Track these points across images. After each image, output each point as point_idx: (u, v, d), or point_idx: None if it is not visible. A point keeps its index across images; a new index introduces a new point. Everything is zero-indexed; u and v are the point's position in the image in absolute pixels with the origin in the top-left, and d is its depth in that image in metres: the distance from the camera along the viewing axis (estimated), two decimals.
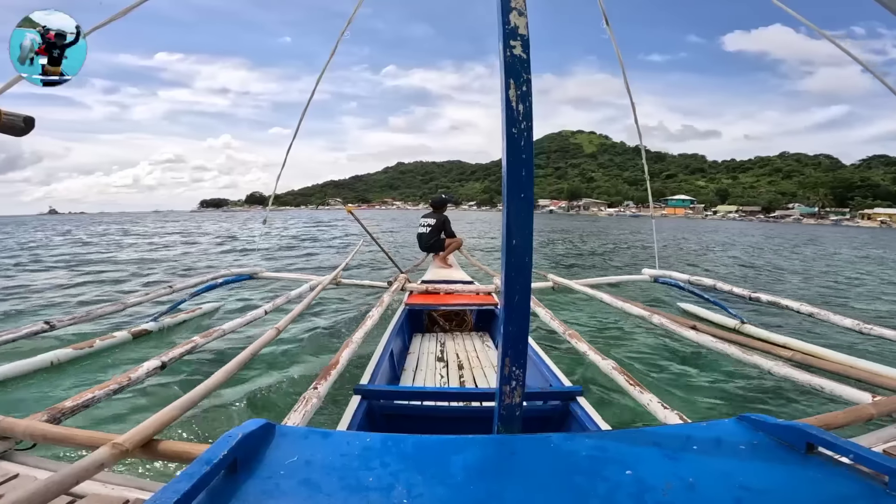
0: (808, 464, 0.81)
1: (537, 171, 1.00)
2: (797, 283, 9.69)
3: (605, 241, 21.69)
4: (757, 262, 13.64)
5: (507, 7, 0.93)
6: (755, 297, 4.15)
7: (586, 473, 0.80)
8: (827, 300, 7.37)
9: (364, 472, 0.79)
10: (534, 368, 2.52)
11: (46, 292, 7.26)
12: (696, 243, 21.89)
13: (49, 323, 3.23)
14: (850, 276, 11.10)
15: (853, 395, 2.12)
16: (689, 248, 18.76)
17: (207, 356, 3.68)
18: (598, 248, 17.45)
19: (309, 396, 1.81)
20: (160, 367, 2.34)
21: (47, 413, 1.72)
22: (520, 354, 1.00)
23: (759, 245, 22.15)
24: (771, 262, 13.78)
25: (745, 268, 12.22)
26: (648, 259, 10.73)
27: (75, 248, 16.03)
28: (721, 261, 14.00)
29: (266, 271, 5.60)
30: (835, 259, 16.00)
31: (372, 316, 3.07)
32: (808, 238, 31.06)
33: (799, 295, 7.35)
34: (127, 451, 1.30)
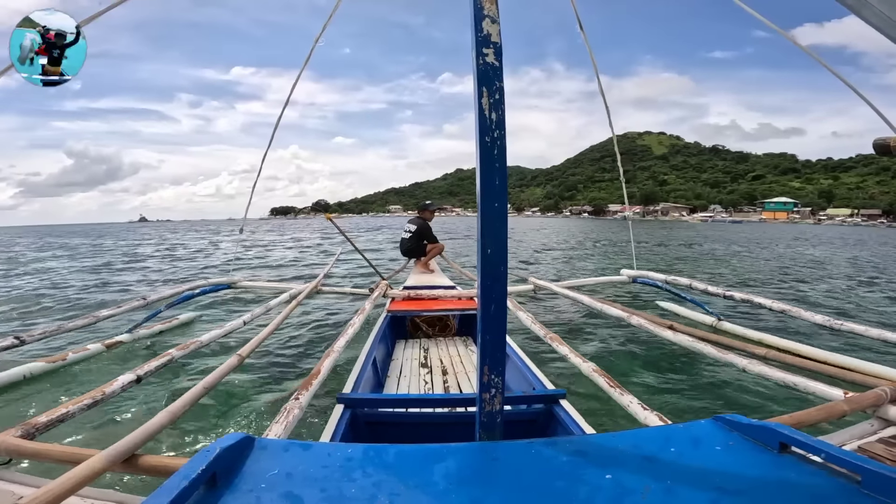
0: (781, 464, 0.82)
1: (603, 174, 0.99)
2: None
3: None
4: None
5: (480, 15, 0.92)
6: (729, 295, 4.25)
7: (567, 478, 0.81)
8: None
9: (346, 484, 0.78)
10: (517, 372, 2.53)
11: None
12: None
13: (19, 338, 3.13)
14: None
15: (826, 391, 2.17)
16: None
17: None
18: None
19: (290, 407, 1.79)
20: (135, 380, 2.29)
21: (21, 428, 1.67)
22: (498, 362, 1.00)
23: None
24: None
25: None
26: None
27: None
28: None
29: (244, 280, 5.52)
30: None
31: (353, 324, 3.04)
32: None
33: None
34: (109, 466, 1.28)
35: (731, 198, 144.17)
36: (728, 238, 29.78)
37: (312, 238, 28.01)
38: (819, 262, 14.47)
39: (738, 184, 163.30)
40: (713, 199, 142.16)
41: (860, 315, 6.35)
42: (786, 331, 4.55)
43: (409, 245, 5.83)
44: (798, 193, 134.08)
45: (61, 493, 1.10)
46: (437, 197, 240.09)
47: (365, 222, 67.05)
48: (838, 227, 74.24)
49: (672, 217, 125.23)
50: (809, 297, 7.92)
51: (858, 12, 0.82)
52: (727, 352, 2.72)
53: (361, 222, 67.91)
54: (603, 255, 16.39)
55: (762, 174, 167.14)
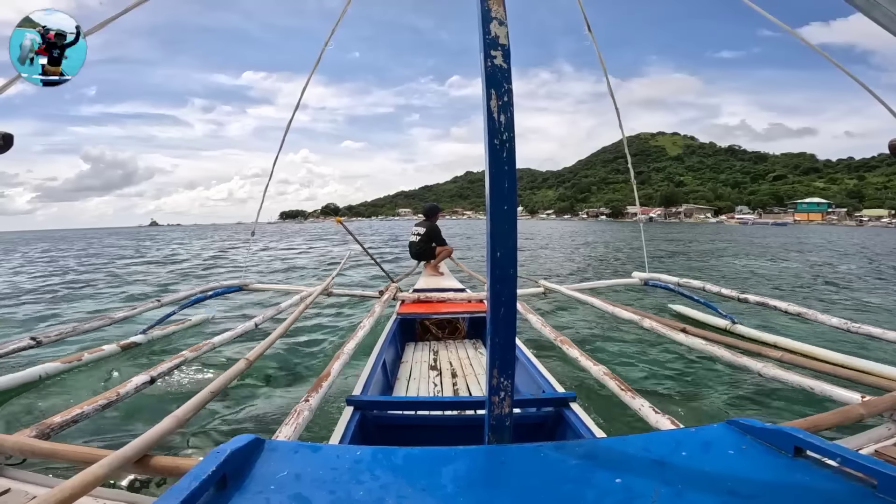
0: (795, 468, 0.81)
1: (616, 176, 0.98)
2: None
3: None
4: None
5: (488, 17, 0.92)
6: (744, 298, 4.19)
7: (576, 482, 0.81)
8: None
9: (354, 486, 0.79)
10: (526, 375, 2.52)
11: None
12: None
13: (35, 339, 3.18)
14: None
15: (842, 395, 2.13)
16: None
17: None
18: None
19: (300, 409, 1.80)
20: (149, 381, 2.32)
21: (36, 429, 1.70)
22: (507, 365, 1.00)
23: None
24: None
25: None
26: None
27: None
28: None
29: (255, 283, 5.57)
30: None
31: (363, 326, 3.05)
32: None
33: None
34: (122, 467, 1.30)
35: (754, 198, 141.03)
36: (789, 244, 24.37)
37: (303, 247, 23.81)
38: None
39: (759, 184, 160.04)
40: (736, 200, 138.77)
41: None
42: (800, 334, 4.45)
43: (419, 248, 5.84)
44: (824, 194, 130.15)
45: (74, 494, 1.11)
46: (446, 200, 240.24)
47: (370, 227, 63.57)
48: (885, 230, 62.66)
49: (696, 219, 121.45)
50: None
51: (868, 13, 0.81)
52: (741, 355, 2.67)
53: (365, 226, 63.46)
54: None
55: (783, 174, 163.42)
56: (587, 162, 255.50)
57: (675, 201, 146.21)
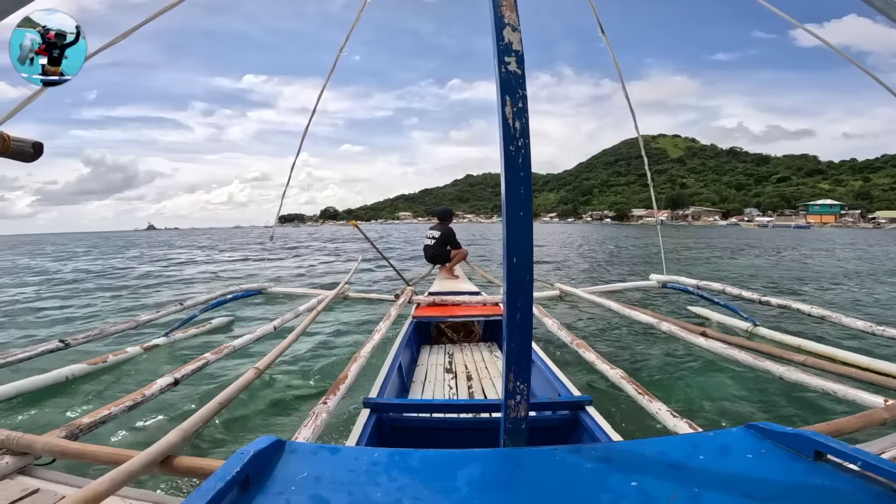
0: (816, 472, 0.80)
1: (618, 179, 0.98)
2: None
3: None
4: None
5: (501, 23, 0.92)
6: (765, 301, 4.12)
7: (591, 486, 0.81)
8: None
9: (372, 488, 0.80)
10: (542, 378, 2.51)
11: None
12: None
13: (64, 341, 3.29)
14: None
15: (866, 399, 2.09)
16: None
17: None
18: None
19: (318, 411, 1.82)
20: (173, 383, 2.38)
21: (65, 429, 1.75)
22: (523, 369, 1.00)
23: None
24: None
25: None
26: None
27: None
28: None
29: (274, 286, 5.66)
30: None
31: (380, 329, 3.08)
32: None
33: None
34: (148, 467, 1.33)
35: (758, 200, 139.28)
36: (837, 250, 21.05)
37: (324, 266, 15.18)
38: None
39: (763, 186, 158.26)
40: (742, 203, 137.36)
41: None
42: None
43: (434, 252, 5.86)
44: (831, 195, 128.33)
45: (101, 493, 1.14)
46: (446, 203, 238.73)
47: (367, 229, 59.98)
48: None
49: (705, 221, 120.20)
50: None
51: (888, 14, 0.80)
52: (763, 358, 2.63)
53: (364, 228, 61.11)
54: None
55: (786, 176, 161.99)
56: (588, 165, 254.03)
57: (682, 204, 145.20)
